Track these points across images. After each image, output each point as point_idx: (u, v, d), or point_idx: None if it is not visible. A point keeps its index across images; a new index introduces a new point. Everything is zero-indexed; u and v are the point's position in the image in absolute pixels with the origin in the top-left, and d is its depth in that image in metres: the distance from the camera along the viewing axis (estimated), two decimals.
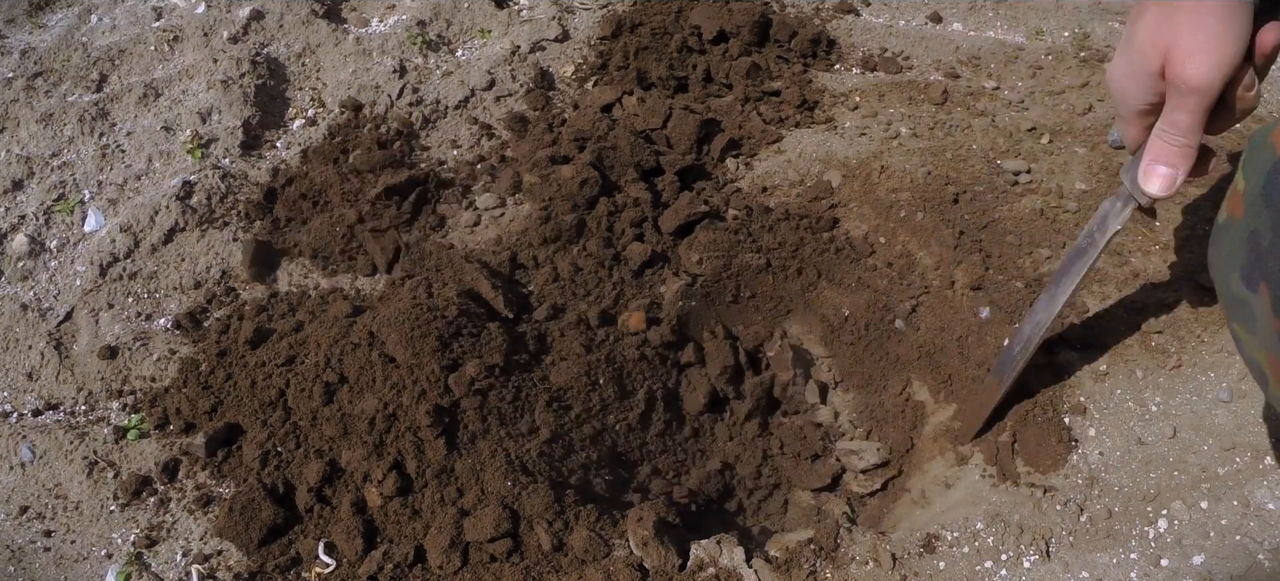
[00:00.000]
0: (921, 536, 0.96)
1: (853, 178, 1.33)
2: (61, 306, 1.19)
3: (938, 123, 1.42)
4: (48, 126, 1.40)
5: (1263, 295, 0.55)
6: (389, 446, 0.99)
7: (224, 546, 0.97)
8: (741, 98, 1.50)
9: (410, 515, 0.97)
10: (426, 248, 1.26)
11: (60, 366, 1.13)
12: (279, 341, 1.11)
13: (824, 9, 1.70)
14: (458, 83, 1.52)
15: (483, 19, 1.66)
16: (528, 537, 0.95)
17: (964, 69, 1.56)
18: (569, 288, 1.20)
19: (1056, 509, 0.94)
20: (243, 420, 1.05)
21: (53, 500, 1.01)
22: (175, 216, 1.28)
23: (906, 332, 1.21)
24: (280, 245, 1.29)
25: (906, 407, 1.16)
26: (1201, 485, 0.93)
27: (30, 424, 1.07)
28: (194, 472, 1.03)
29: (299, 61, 1.56)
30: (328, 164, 1.38)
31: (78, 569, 0.96)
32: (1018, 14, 1.68)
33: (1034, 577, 0.90)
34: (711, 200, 1.32)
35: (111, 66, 1.52)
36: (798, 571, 0.94)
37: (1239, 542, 0.88)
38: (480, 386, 1.01)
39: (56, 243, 1.27)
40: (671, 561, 0.93)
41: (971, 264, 1.20)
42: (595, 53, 1.60)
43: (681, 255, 1.26)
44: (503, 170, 1.38)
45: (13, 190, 1.32)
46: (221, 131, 1.41)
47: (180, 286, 1.23)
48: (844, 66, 1.60)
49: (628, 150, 1.33)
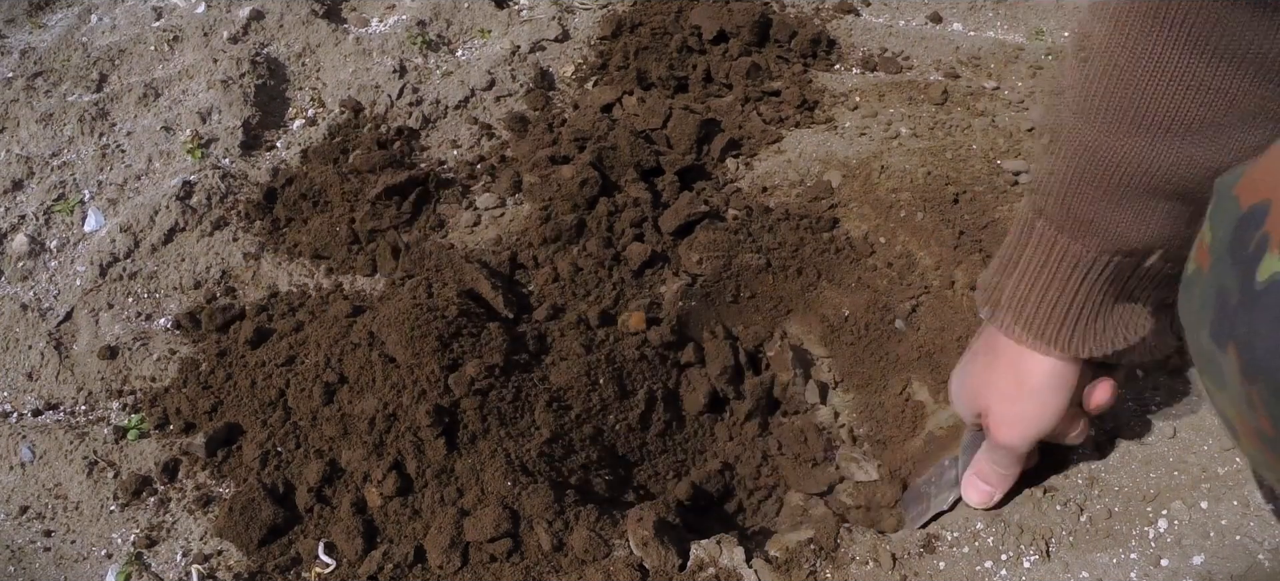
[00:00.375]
0: (921, 536, 0.96)
1: (853, 178, 1.33)
2: (61, 306, 1.19)
3: (938, 123, 1.42)
4: (48, 126, 1.40)
5: (1231, 355, 0.53)
6: (389, 446, 0.99)
7: (224, 546, 0.97)
8: (741, 98, 1.50)
9: (410, 515, 0.97)
10: (426, 247, 1.26)
11: (60, 366, 1.13)
12: (279, 341, 1.11)
13: (824, 9, 1.70)
14: (458, 83, 1.52)
15: (483, 19, 1.66)
16: (528, 537, 0.95)
17: (964, 69, 1.56)
18: (569, 288, 1.20)
19: (1056, 509, 0.94)
20: (243, 420, 1.05)
21: (53, 500, 1.01)
22: (175, 216, 1.28)
23: (906, 332, 1.21)
24: (280, 245, 1.29)
25: (907, 408, 1.16)
26: (1201, 485, 0.93)
27: (30, 424, 1.07)
28: (194, 472, 1.03)
29: (299, 61, 1.56)
30: (328, 164, 1.38)
31: (78, 569, 0.96)
32: (1018, 14, 1.68)
33: (1034, 577, 0.90)
34: (711, 200, 1.32)
35: (111, 66, 1.52)
36: (798, 571, 0.94)
37: (1239, 542, 0.88)
38: (480, 386, 1.01)
39: (56, 243, 1.27)
40: (671, 561, 0.93)
41: (971, 264, 1.20)
42: (595, 53, 1.60)
43: (681, 255, 1.26)
44: (503, 170, 1.38)
45: (13, 190, 1.32)
46: (221, 131, 1.41)
47: (180, 286, 1.23)
48: (844, 66, 1.60)
49: (628, 150, 1.33)
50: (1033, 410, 0.82)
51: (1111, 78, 0.68)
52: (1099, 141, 0.70)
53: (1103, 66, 0.69)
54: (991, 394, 0.84)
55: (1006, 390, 0.83)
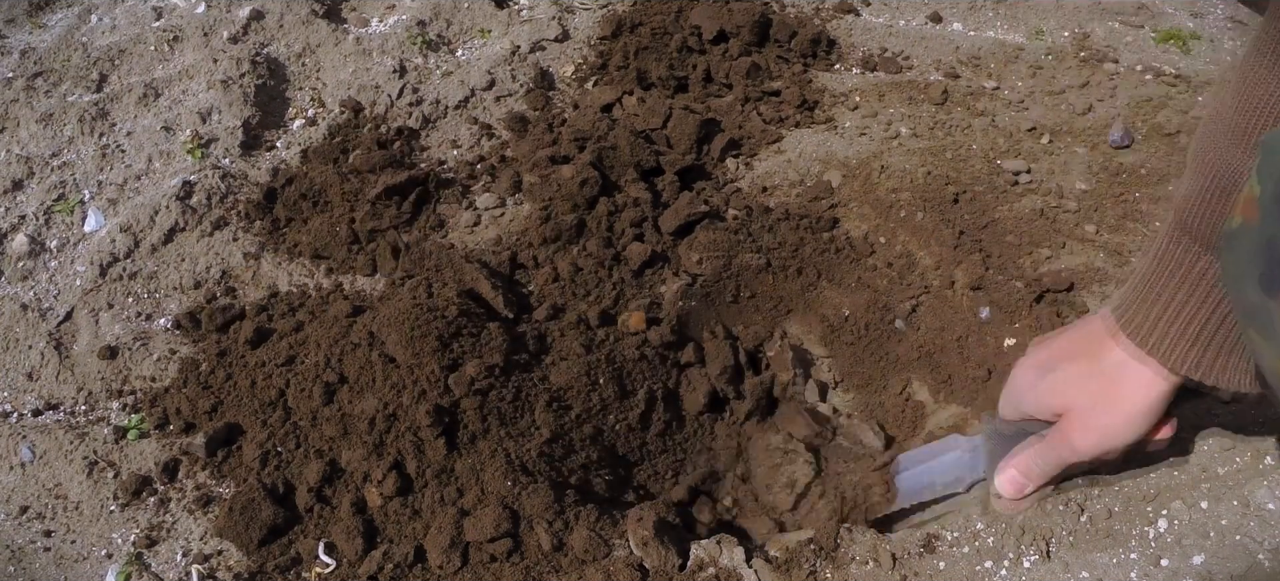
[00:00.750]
0: (921, 536, 0.95)
1: (853, 178, 1.33)
2: (61, 306, 1.19)
3: (938, 123, 1.42)
4: (48, 126, 1.40)
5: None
6: (389, 446, 0.99)
7: (224, 546, 0.97)
8: (741, 98, 1.50)
9: (410, 515, 0.97)
10: (426, 247, 1.26)
11: (60, 366, 1.13)
12: (279, 341, 1.11)
13: (824, 9, 1.70)
14: (458, 83, 1.52)
15: (483, 19, 1.66)
16: (528, 537, 0.95)
17: (964, 69, 1.56)
18: (569, 288, 1.20)
19: (1057, 509, 0.94)
20: (243, 420, 1.05)
21: (53, 500, 1.01)
22: (175, 216, 1.28)
23: (906, 332, 1.21)
24: (280, 245, 1.29)
25: (906, 407, 1.16)
26: (1201, 485, 0.93)
27: (30, 424, 1.07)
28: (194, 472, 1.03)
29: (299, 61, 1.56)
30: (328, 164, 1.38)
31: (78, 569, 0.96)
32: (1018, 14, 1.68)
33: (1034, 577, 0.90)
34: (711, 200, 1.32)
35: (111, 66, 1.52)
36: (798, 571, 0.94)
37: (1239, 542, 0.88)
38: (480, 386, 1.01)
39: (56, 243, 1.27)
40: (671, 561, 0.93)
41: (971, 264, 1.20)
42: (595, 53, 1.60)
43: (681, 255, 1.26)
44: (503, 170, 1.38)
45: (13, 190, 1.32)
46: (221, 131, 1.41)
47: (180, 286, 1.23)
48: (844, 66, 1.60)
49: (628, 150, 1.33)
50: (1121, 427, 0.82)
51: (1234, 98, 0.72)
52: (1226, 158, 0.72)
53: (1230, 90, 0.73)
54: (1081, 397, 0.83)
55: (1102, 397, 0.82)
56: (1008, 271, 1.18)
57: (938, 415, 1.13)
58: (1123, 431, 0.82)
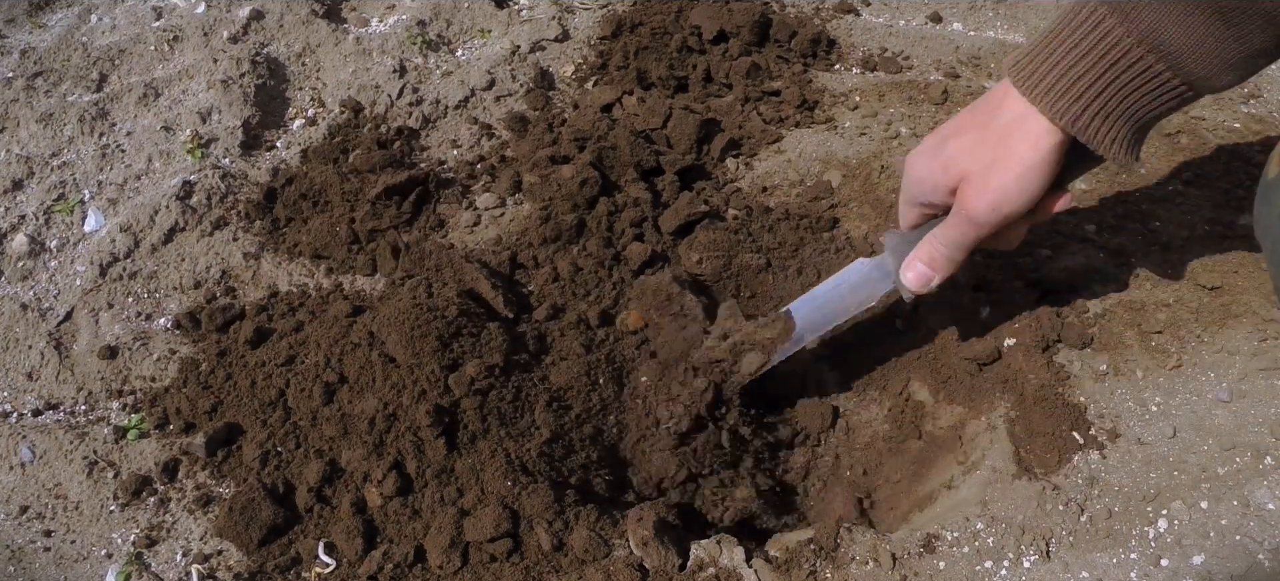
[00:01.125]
0: (921, 536, 0.96)
1: (853, 177, 1.33)
2: (61, 306, 1.19)
3: (938, 122, 1.42)
4: (48, 126, 1.40)
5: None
6: (389, 446, 0.99)
7: (224, 546, 0.97)
8: (741, 98, 1.50)
9: (410, 515, 0.97)
10: (426, 247, 1.26)
11: (60, 366, 1.13)
12: (279, 341, 1.11)
13: (824, 9, 1.70)
14: (458, 83, 1.52)
15: (483, 19, 1.66)
16: (528, 537, 0.95)
17: (964, 69, 1.56)
18: (569, 287, 1.20)
19: (1057, 509, 0.94)
20: (243, 420, 1.05)
21: (53, 500, 1.01)
22: (175, 216, 1.28)
23: (906, 332, 1.21)
24: (280, 245, 1.29)
25: (906, 407, 1.16)
26: (1201, 485, 0.93)
27: (30, 424, 1.07)
28: (194, 472, 1.03)
29: (299, 61, 1.56)
30: (328, 164, 1.38)
31: (78, 569, 0.96)
32: (1018, 14, 1.68)
33: (1034, 577, 0.90)
34: (711, 200, 1.32)
35: (111, 66, 1.52)
36: (798, 571, 0.94)
37: (1239, 542, 0.88)
38: (480, 386, 1.01)
39: (56, 243, 1.27)
40: (671, 561, 0.93)
41: (971, 263, 1.20)
42: (595, 53, 1.60)
43: (681, 255, 1.26)
44: (503, 170, 1.38)
45: (13, 190, 1.32)
46: (221, 131, 1.41)
47: (180, 286, 1.23)
48: (844, 66, 1.60)
49: (628, 150, 1.33)
50: (1014, 185, 0.83)
51: None
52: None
53: None
54: (974, 162, 0.85)
55: (993, 160, 0.84)
56: (1008, 271, 1.18)
57: (938, 415, 1.13)
58: (1016, 190, 0.84)
